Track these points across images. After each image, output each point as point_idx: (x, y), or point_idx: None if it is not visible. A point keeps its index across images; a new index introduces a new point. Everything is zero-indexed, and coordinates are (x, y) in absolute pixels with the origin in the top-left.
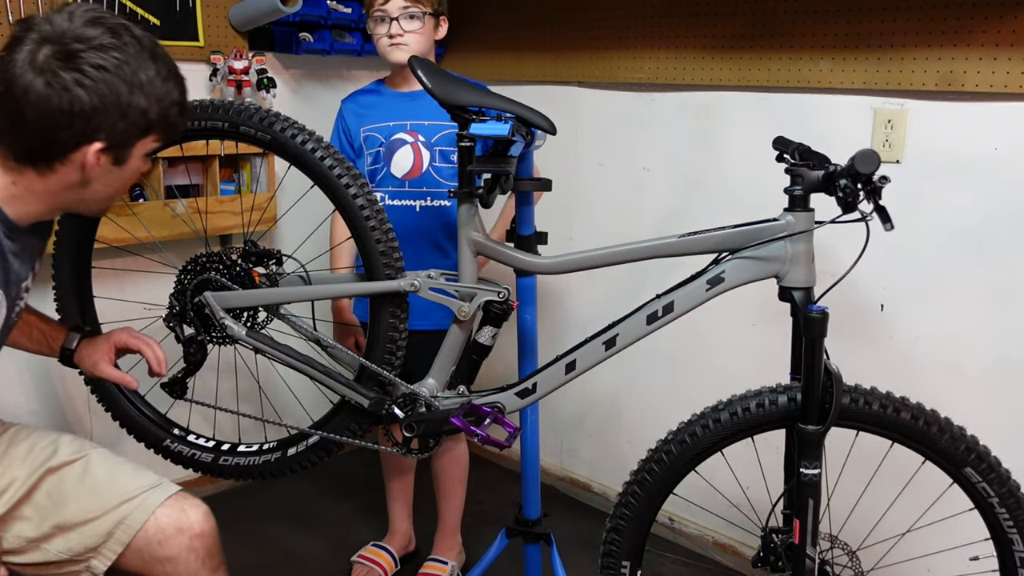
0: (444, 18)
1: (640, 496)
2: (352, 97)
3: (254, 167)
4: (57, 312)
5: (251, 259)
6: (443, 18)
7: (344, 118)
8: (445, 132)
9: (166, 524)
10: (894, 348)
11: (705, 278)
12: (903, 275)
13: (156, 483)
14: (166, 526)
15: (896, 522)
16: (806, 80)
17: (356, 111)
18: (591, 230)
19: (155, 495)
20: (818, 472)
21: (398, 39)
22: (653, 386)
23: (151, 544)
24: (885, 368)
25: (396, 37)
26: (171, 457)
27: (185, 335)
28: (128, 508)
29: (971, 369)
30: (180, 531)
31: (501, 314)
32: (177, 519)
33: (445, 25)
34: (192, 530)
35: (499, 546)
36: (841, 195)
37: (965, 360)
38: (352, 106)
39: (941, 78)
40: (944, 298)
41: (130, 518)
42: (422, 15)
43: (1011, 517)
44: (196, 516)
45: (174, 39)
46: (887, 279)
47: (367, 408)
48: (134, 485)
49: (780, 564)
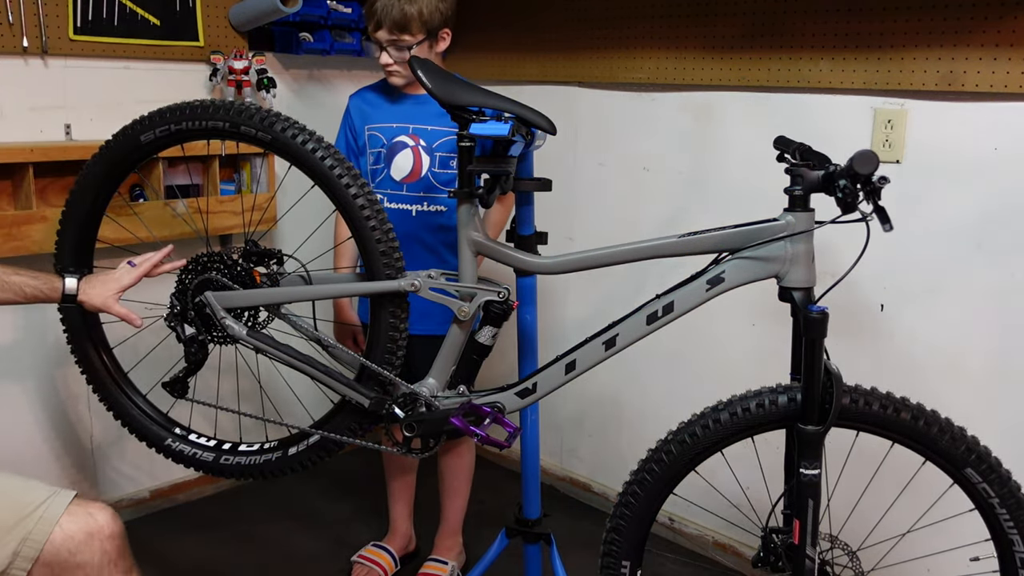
0: (445, 31)
1: (640, 496)
2: (360, 93)
3: (254, 167)
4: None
5: (252, 259)
6: (443, 32)
7: (351, 114)
8: (447, 138)
9: (75, 531)
10: (894, 348)
11: (705, 278)
12: (903, 275)
13: (51, 492)
14: (75, 533)
15: (896, 522)
16: (806, 80)
17: (362, 108)
18: (591, 230)
19: (54, 505)
20: (818, 472)
21: (392, 67)
22: (653, 386)
23: (61, 554)
24: (885, 368)
25: (390, 66)
26: (172, 456)
27: (186, 335)
28: (29, 524)
29: (971, 369)
30: (91, 535)
31: (501, 314)
32: (85, 524)
33: (447, 38)
34: (103, 532)
35: (499, 546)
36: (841, 195)
37: (965, 360)
38: (359, 102)
39: (941, 78)
40: (944, 298)
41: (34, 533)
42: (408, 48)
43: (1011, 518)
44: (104, 518)
45: (174, 39)
46: (887, 279)
47: (367, 408)
48: (28, 499)
49: (780, 564)
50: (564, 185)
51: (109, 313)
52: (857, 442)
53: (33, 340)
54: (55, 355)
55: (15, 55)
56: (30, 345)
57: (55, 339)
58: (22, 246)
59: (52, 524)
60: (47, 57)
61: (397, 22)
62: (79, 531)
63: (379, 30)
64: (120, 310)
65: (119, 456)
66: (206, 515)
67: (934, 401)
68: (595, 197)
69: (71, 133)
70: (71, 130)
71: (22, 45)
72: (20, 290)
